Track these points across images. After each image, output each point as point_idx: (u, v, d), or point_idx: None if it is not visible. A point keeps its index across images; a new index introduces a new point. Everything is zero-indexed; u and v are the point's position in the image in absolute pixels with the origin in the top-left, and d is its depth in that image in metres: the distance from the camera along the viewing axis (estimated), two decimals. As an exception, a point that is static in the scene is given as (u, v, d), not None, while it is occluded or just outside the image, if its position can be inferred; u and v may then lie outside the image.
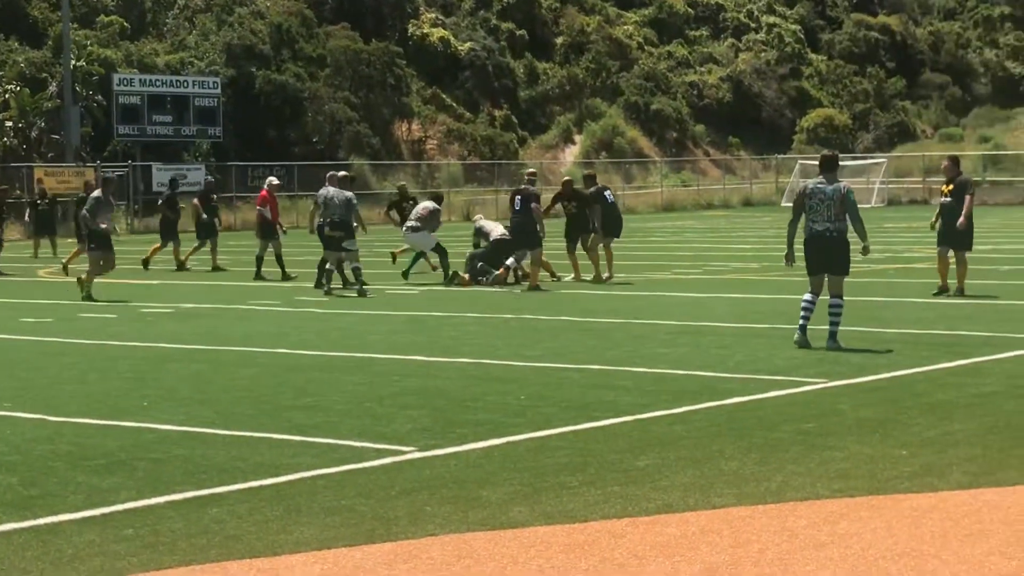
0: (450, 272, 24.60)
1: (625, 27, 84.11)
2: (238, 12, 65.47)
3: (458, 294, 22.83)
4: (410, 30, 72.96)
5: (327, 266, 23.15)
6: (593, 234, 24.56)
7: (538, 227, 23.19)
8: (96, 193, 23.79)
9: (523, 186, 24.89)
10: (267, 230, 27.22)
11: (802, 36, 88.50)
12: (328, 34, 67.84)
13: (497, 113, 72.91)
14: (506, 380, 12.72)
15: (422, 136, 69.79)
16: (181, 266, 29.44)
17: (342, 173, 24.39)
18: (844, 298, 14.95)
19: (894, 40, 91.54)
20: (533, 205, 23.37)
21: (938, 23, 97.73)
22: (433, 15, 75.88)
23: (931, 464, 8.75)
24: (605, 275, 24.19)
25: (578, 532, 7.32)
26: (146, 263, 29.54)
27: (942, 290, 20.45)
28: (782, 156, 72.76)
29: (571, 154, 74.08)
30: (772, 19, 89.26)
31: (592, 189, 24.87)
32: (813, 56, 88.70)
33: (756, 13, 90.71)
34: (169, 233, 30.17)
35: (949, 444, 9.37)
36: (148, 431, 10.38)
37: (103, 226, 22.76)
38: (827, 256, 14.77)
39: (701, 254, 32.51)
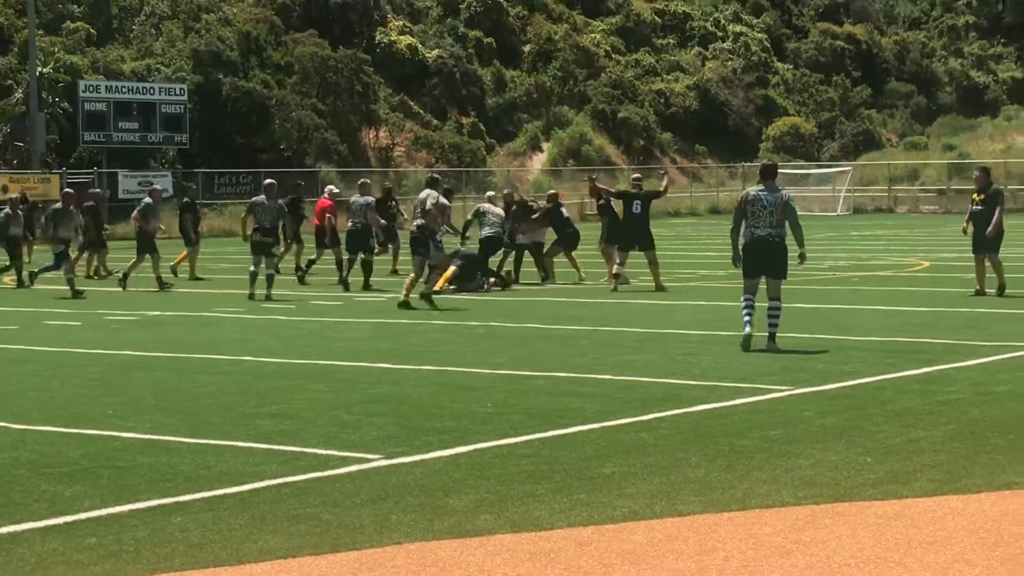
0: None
1: (592, 35, 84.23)
2: (205, 19, 65.26)
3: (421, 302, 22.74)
4: (377, 37, 72.87)
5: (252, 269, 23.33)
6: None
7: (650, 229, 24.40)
8: (57, 205, 24.18)
9: (639, 190, 25.26)
10: (335, 238, 26.88)
11: (768, 45, 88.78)
12: (295, 41, 67.68)
13: (464, 120, 72.90)
14: (472, 388, 12.71)
15: (390, 143, 69.69)
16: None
17: (269, 182, 24.61)
18: (783, 303, 15.46)
19: (859, 49, 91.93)
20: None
21: (903, 32, 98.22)
22: (400, 23, 75.82)
23: (896, 471, 8.78)
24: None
25: (544, 540, 7.31)
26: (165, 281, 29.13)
27: (979, 293, 21.45)
28: (748, 164, 72.92)
29: (539, 162, 74.12)
30: (739, 28, 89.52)
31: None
32: (779, 65, 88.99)
33: (723, 22, 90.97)
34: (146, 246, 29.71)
35: (914, 451, 9.40)
36: (112, 439, 10.32)
37: (66, 235, 23.18)
38: (767, 260, 15.35)
39: (668, 261, 32.48)
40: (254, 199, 24.25)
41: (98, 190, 33.55)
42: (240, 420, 11.08)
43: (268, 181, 24.63)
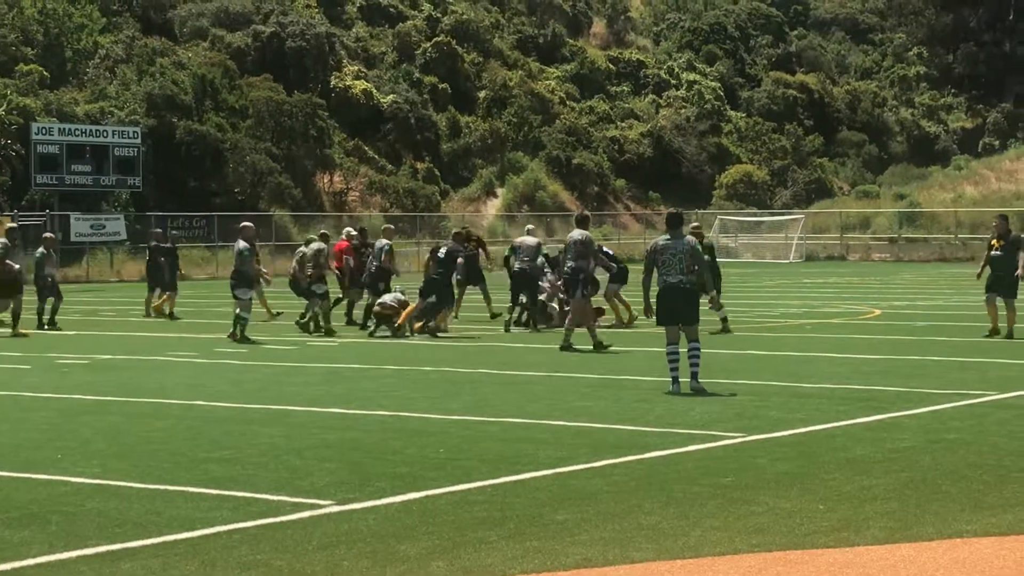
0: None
1: (547, 82, 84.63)
2: (160, 62, 65.18)
3: (376, 346, 22.72)
4: (333, 82, 72.96)
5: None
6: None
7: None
8: (2, 240, 24.97)
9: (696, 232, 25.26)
10: (354, 280, 26.85)
11: (722, 93, 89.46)
12: (250, 85, 67.69)
13: (419, 166, 73.01)
14: (425, 433, 12.66)
15: (344, 188, 69.69)
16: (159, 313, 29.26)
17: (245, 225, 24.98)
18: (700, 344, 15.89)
19: (812, 98, 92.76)
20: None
21: (855, 82, 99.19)
22: (356, 67, 75.95)
23: (848, 519, 8.79)
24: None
25: (496, 587, 7.28)
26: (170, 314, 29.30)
27: (993, 332, 22.43)
28: (702, 211, 73.33)
29: (493, 207, 74.28)
30: (692, 76, 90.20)
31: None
32: (732, 113, 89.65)
33: (676, 70, 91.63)
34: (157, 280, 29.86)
35: (866, 499, 9.43)
36: (62, 484, 10.22)
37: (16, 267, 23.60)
38: (679, 307, 15.97)
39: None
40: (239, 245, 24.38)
41: (50, 234, 33.37)
42: (191, 465, 10.99)
43: (245, 224, 24.94)
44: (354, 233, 28.16)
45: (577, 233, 20.56)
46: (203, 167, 60.90)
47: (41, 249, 27.67)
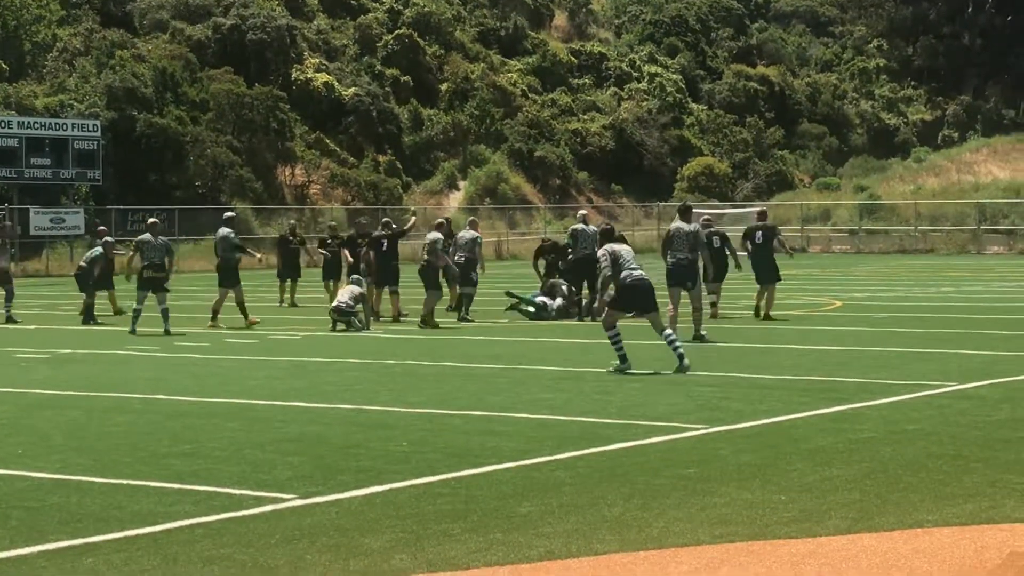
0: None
1: (509, 75, 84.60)
2: (119, 55, 64.79)
3: (339, 340, 22.67)
4: (294, 75, 72.71)
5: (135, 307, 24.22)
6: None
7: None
8: None
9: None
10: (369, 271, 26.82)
11: (683, 86, 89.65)
12: (211, 78, 67.38)
13: (381, 158, 72.85)
14: (388, 426, 12.65)
15: (305, 181, 69.49)
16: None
17: (152, 220, 25.96)
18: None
19: (772, 91, 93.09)
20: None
21: (815, 75, 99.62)
22: (317, 60, 75.71)
23: (810, 509, 8.84)
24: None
25: (460, 580, 7.29)
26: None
27: None
28: (663, 204, 73.51)
29: (455, 200, 74.22)
30: (654, 69, 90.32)
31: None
32: (694, 106, 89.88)
33: (638, 63, 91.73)
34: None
35: (828, 489, 9.47)
36: (22, 479, 10.16)
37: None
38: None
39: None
40: (140, 238, 25.15)
41: (8, 223, 33.20)
42: (152, 460, 10.94)
43: (152, 220, 25.79)
44: (365, 222, 28.12)
45: (687, 226, 20.81)
46: (164, 160, 60.60)
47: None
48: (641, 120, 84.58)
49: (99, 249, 28.06)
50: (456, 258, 26.80)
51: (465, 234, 27.41)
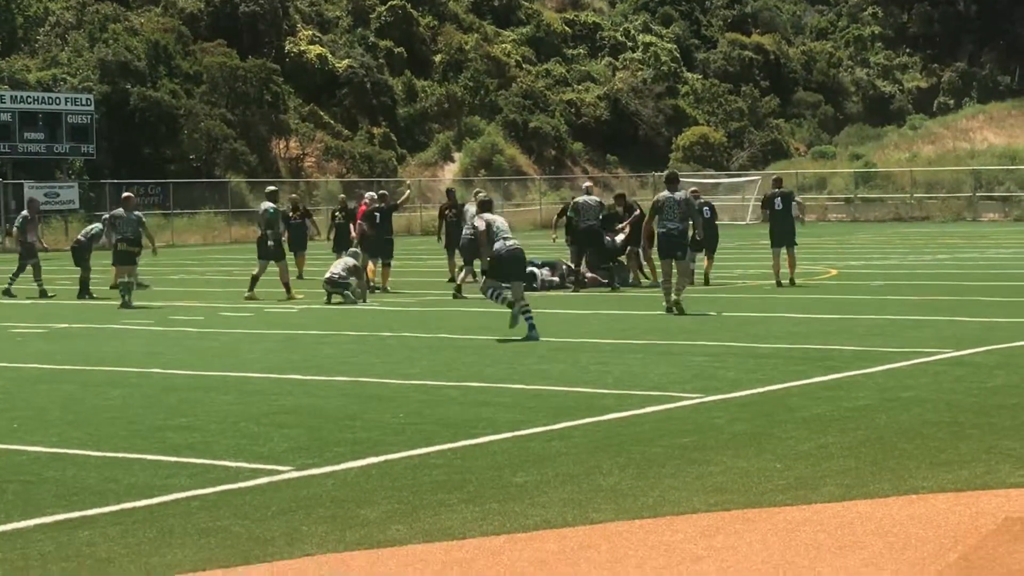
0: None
1: (503, 45, 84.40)
2: (112, 28, 64.58)
3: (335, 312, 22.67)
4: (287, 47, 72.54)
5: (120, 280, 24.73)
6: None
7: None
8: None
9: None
10: (367, 246, 26.85)
11: (678, 55, 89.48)
12: (204, 51, 67.21)
13: (376, 131, 72.74)
14: (384, 398, 12.66)
15: (300, 153, 69.40)
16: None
17: (126, 194, 26.46)
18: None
19: (767, 59, 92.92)
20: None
21: (810, 43, 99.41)
22: (310, 32, 75.52)
23: (805, 477, 8.84)
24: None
25: (456, 549, 7.29)
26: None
27: None
28: (659, 173, 73.35)
29: (450, 172, 74.12)
30: (648, 38, 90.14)
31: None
32: (688, 75, 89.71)
33: (632, 32, 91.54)
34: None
35: (823, 457, 9.48)
36: (18, 453, 10.16)
37: None
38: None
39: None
40: (113, 212, 25.77)
41: (35, 198, 33.27)
42: (148, 433, 10.94)
43: (126, 194, 26.25)
44: (375, 196, 28.10)
45: (679, 193, 20.77)
46: (157, 134, 60.49)
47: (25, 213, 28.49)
48: (636, 90, 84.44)
49: (98, 225, 28.02)
50: (465, 230, 26.89)
51: (472, 207, 27.27)
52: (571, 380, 13.58)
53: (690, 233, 21.45)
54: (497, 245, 17.94)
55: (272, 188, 27.78)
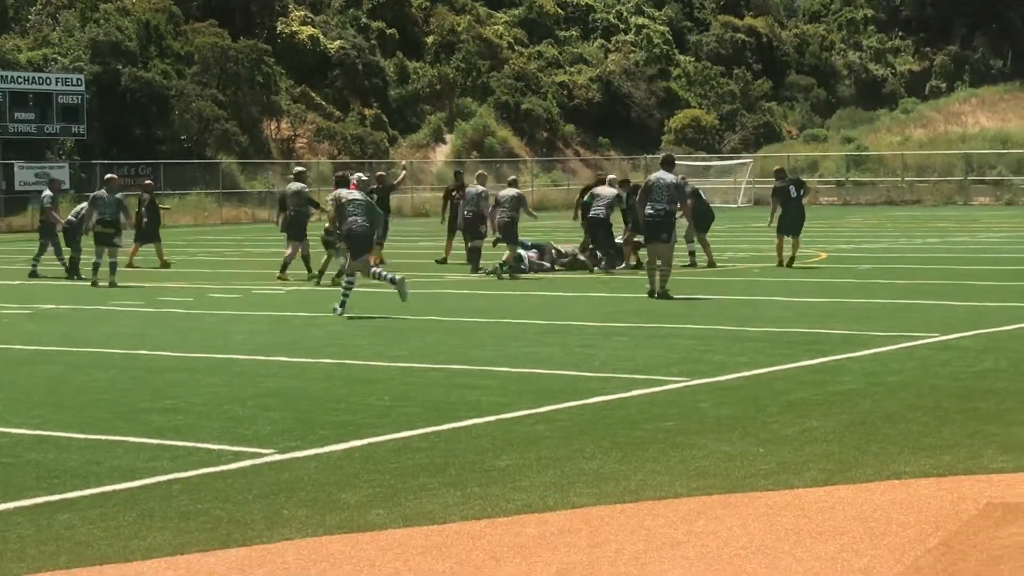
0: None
1: (495, 27, 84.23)
2: (103, 8, 64.35)
3: (324, 294, 22.63)
4: (279, 28, 72.34)
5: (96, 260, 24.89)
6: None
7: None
8: None
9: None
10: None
11: (670, 37, 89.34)
12: (195, 31, 66.99)
13: (367, 112, 72.60)
14: (370, 381, 12.64)
15: (291, 135, 69.26)
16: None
17: (110, 177, 27.05)
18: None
19: (760, 42, 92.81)
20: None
21: (803, 26, 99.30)
22: (302, 13, 75.30)
23: (788, 462, 8.84)
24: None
25: (436, 534, 7.28)
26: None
27: None
28: (651, 156, 73.32)
29: (442, 153, 74.03)
30: (641, 20, 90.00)
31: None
32: (681, 57, 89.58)
33: (625, 14, 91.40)
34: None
35: (806, 441, 9.47)
36: (1, 435, 10.13)
37: None
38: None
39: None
40: (95, 193, 26.07)
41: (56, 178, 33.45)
42: (132, 415, 10.92)
43: (109, 176, 26.85)
44: (365, 179, 28.06)
45: (668, 176, 20.62)
46: (148, 114, 60.29)
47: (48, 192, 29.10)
48: (628, 72, 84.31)
49: (87, 204, 27.87)
50: (464, 212, 27.18)
51: (472, 189, 27.76)
52: (557, 363, 13.56)
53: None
54: (349, 221, 18.77)
55: (300, 168, 27.97)
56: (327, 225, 23.50)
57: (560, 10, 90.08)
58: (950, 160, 67.38)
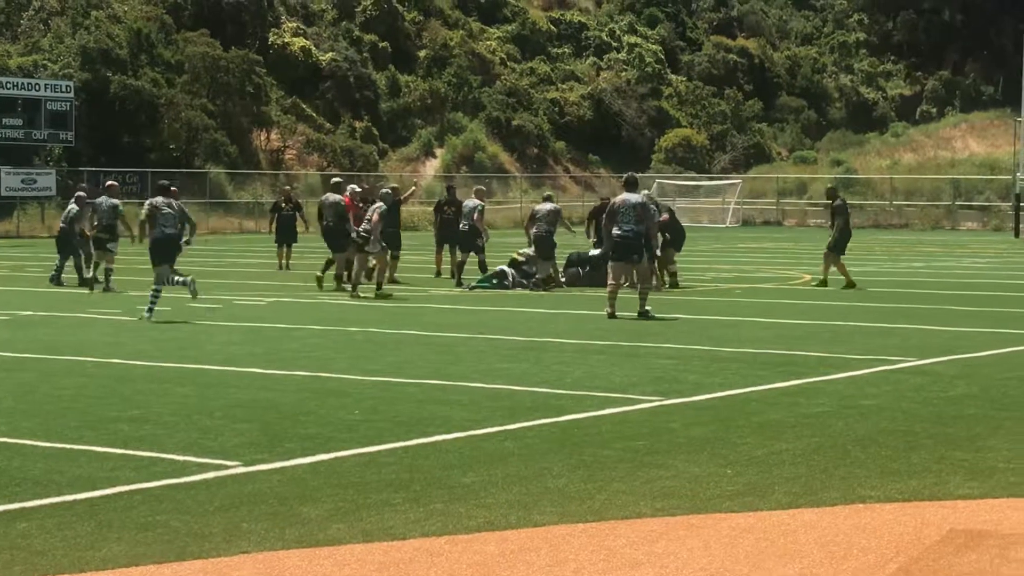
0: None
1: (488, 42, 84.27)
2: (95, 15, 64.32)
3: (304, 306, 22.57)
4: (271, 39, 72.33)
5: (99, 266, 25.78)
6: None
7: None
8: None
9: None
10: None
11: (662, 57, 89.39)
12: (187, 40, 66.95)
13: (358, 124, 72.57)
14: (342, 394, 12.57)
15: (281, 146, 69.19)
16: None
17: (110, 182, 28.30)
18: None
19: (752, 63, 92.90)
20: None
21: (795, 48, 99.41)
22: (294, 24, 75.32)
23: (754, 483, 8.79)
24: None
25: (395, 550, 7.22)
26: None
27: None
28: (641, 175, 73.41)
29: (432, 167, 74.00)
30: (633, 39, 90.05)
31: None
32: (673, 77, 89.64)
33: (618, 32, 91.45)
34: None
35: (775, 463, 9.43)
36: (-35, 442, 10.06)
37: None
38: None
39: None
40: (96, 199, 26.56)
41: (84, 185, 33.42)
42: (99, 424, 10.84)
43: (110, 183, 27.81)
44: (359, 190, 28.05)
45: (634, 197, 20.43)
46: (137, 122, 60.24)
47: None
48: (620, 90, 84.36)
49: (74, 207, 27.66)
50: (460, 226, 27.28)
51: (469, 202, 27.96)
52: (531, 380, 13.51)
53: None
54: (157, 229, 20.05)
55: (338, 180, 28.06)
56: (360, 229, 23.68)
57: (553, 27, 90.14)
58: (938, 185, 67.50)
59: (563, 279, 26.70)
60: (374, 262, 24.39)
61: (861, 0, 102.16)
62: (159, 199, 20.43)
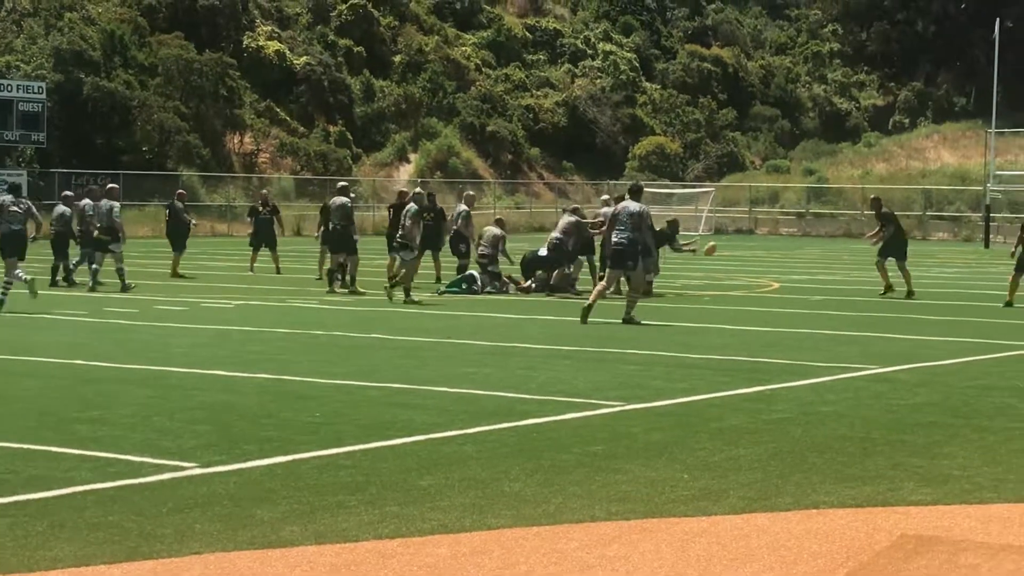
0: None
1: (463, 48, 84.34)
2: (68, 17, 64.12)
3: (271, 310, 22.54)
4: (245, 42, 72.22)
5: (94, 266, 26.50)
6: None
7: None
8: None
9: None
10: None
11: (637, 65, 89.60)
12: (160, 42, 66.81)
13: (332, 129, 72.51)
14: (304, 397, 12.56)
15: (254, 149, 69.07)
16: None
17: (110, 185, 29.03)
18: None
19: (726, 72, 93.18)
20: None
21: (769, 57, 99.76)
22: (269, 28, 75.23)
23: (709, 488, 8.82)
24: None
25: (347, 552, 7.22)
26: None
27: (1008, 304, 24.13)
28: (614, 182, 73.50)
29: (406, 172, 73.95)
30: (608, 47, 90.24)
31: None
32: (647, 85, 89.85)
33: (593, 40, 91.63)
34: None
35: (731, 469, 9.46)
36: (-79, 442, 10.02)
37: None
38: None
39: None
40: (98, 202, 27.12)
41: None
42: (58, 425, 10.82)
43: (110, 185, 28.47)
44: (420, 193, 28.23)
45: (634, 205, 20.46)
46: (110, 124, 60.06)
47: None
48: (594, 98, 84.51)
49: (66, 209, 27.59)
50: (450, 231, 28.06)
51: (458, 208, 28.68)
52: (496, 384, 13.51)
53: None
54: (3, 225, 21.44)
55: (344, 183, 28.55)
56: (398, 236, 23.79)
57: (528, 34, 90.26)
58: (909, 195, 67.77)
59: (531, 284, 26.72)
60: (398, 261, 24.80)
61: (835, 11, 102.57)
62: (7, 197, 21.93)
